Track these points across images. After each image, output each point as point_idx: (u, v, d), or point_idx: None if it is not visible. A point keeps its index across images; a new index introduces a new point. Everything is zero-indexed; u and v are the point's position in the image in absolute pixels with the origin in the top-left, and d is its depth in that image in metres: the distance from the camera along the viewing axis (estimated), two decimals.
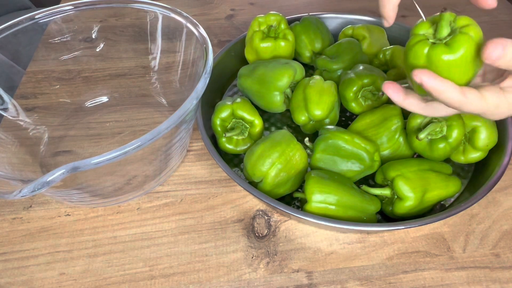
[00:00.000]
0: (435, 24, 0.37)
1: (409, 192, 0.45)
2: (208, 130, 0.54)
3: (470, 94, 0.36)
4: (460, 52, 0.34)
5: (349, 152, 0.49)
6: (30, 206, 0.52)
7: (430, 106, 0.41)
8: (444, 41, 0.35)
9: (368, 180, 0.54)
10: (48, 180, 0.34)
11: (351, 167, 0.50)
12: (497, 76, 0.40)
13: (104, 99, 0.65)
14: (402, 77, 0.59)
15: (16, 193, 0.35)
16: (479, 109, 0.37)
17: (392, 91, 0.40)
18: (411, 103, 0.40)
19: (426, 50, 0.36)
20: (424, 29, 0.37)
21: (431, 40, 0.36)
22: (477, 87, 0.37)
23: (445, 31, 0.36)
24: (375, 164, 0.50)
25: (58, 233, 0.49)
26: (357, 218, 0.46)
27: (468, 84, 0.37)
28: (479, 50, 0.35)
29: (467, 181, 0.54)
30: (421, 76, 0.35)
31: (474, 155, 0.52)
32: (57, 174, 0.35)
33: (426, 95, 0.39)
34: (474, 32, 0.35)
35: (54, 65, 0.62)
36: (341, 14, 0.73)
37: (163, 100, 0.65)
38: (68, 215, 0.51)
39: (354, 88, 0.55)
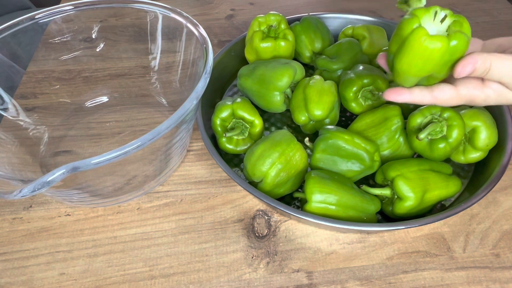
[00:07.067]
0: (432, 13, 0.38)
1: (409, 192, 0.45)
2: (208, 130, 0.54)
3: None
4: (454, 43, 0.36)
5: (349, 152, 0.49)
6: (30, 206, 0.52)
7: (434, 93, 0.42)
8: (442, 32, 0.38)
9: (368, 180, 0.54)
10: (48, 180, 0.34)
11: (351, 167, 0.50)
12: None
13: (104, 99, 0.65)
14: None
15: (16, 193, 0.35)
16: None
17: (397, 95, 0.41)
18: (418, 95, 0.41)
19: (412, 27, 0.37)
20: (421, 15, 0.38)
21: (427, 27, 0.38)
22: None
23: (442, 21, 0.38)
24: (375, 164, 0.50)
25: (58, 233, 0.49)
26: (357, 218, 0.46)
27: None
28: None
29: (467, 181, 0.54)
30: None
31: (474, 155, 0.51)
32: (57, 174, 0.35)
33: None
34: (467, 30, 0.37)
35: (54, 65, 0.62)
36: (341, 14, 0.73)
37: (163, 100, 0.65)
38: (68, 215, 0.51)
39: (354, 88, 0.55)
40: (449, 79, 0.42)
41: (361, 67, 0.57)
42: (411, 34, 0.36)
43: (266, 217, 0.51)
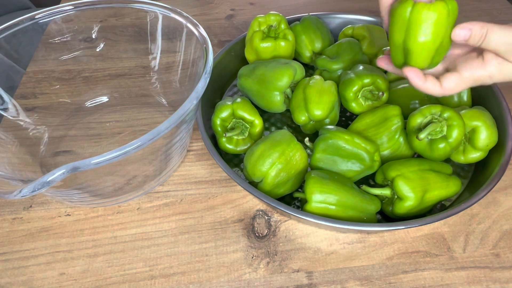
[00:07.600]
0: None
1: (409, 192, 0.45)
2: (208, 130, 0.54)
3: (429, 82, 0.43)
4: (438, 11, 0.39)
5: (349, 152, 0.49)
6: (30, 206, 0.52)
7: (443, 84, 0.43)
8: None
9: (368, 180, 0.54)
10: (48, 180, 0.34)
11: (351, 167, 0.50)
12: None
13: (104, 99, 0.65)
14: (402, 77, 0.58)
15: (16, 193, 0.35)
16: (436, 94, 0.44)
17: (415, 75, 0.43)
18: (430, 84, 0.43)
19: (409, 9, 0.41)
20: None
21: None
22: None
23: None
24: (375, 164, 0.50)
25: (58, 233, 0.49)
26: (357, 218, 0.46)
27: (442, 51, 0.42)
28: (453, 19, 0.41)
29: (467, 181, 0.54)
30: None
31: (474, 155, 0.51)
32: (57, 174, 0.35)
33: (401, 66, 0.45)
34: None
35: (54, 65, 0.62)
36: (341, 14, 0.73)
37: (163, 100, 0.65)
38: (68, 215, 0.51)
39: (354, 88, 0.55)
40: (452, 68, 0.44)
41: (361, 67, 0.57)
42: (413, 12, 0.40)
43: (266, 217, 0.51)
